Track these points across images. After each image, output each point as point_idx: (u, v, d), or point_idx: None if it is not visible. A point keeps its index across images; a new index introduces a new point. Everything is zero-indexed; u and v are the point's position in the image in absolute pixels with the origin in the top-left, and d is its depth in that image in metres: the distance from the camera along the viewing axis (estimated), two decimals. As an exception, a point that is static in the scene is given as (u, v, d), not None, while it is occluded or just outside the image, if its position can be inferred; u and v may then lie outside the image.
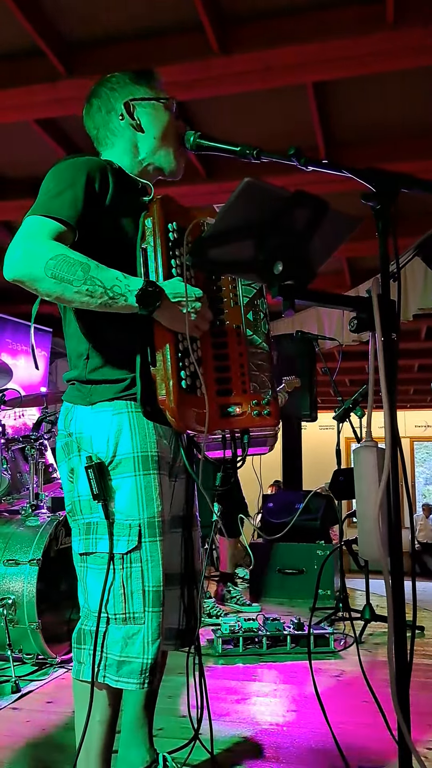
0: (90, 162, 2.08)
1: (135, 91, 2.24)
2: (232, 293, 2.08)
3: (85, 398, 2.09)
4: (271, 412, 1.99)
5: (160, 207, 2.00)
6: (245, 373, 2.02)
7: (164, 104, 2.25)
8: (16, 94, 4.92)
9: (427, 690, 3.64)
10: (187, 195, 6.35)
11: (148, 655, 1.95)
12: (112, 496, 2.01)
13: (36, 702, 3.42)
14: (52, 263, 1.85)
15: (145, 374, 1.95)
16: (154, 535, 2.00)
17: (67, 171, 2.04)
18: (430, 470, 19.87)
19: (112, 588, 1.99)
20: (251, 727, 3.07)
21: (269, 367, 2.03)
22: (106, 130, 2.27)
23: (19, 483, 4.73)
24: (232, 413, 2.01)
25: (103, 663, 1.98)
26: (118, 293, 1.88)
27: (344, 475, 5.21)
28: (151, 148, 2.23)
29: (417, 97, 5.24)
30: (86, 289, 1.86)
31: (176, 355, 1.93)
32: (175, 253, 2.00)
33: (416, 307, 7.67)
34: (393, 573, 1.59)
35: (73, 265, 1.86)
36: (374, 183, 1.71)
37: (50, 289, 1.87)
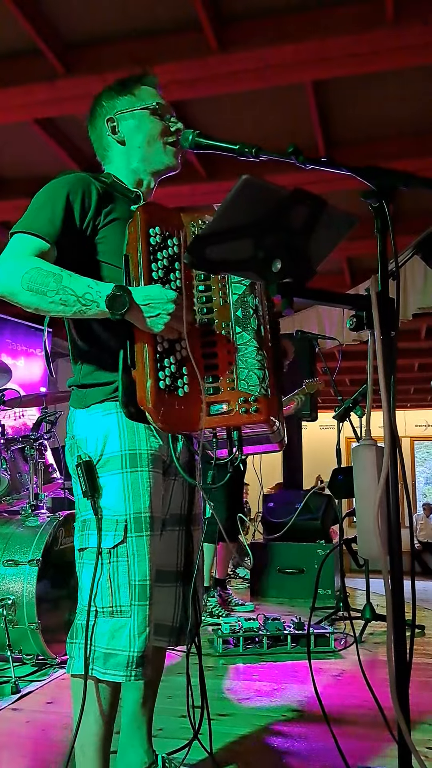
0: (73, 179, 2.16)
1: (119, 103, 2.32)
2: (221, 291, 2.07)
3: (81, 402, 2.16)
4: (260, 409, 1.98)
5: (142, 213, 2.04)
6: (233, 371, 2.01)
7: (149, 111, 2.30)
8: (15, 93, 4.92)
9: (427, 689, 3.64)
10: (188, 195, 6.35)
11: (134, 648, 1.99)
12: (101, 493, 2.07)
13: (36, 702, 3.42)
14: (27, 276, 1.95)
15: (127, 376, 1.98)
16: (141, 531, 2.04)
17: (50, 189, 2.13)
18: (430, 470, 19.87)
19: (100, 582, 2.03)
20: (251, 726, 3.06)
21: (260, 363, 2.02)
22: (100, 146, 2.40)
23: (18, 483, 4.72)
24: (219, 411, 2.00)
25: (92, 656, 2.02)
26: (89, 300, 1.94)
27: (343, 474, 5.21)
28: (140, 156, 2.30)
29: (416, 96, 5.23)
30: (59, 299, 1.94)
31: (154, 355, 1.96)
32: (156, 257, 2.03)
33: (416, 306, 7.66)
34: (392, 572, 1.59)
35: (46, 276, 1.95)
36: (373, 181, 1.71)
37: (28, 301, 1.96)
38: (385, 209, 1.71)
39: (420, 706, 3.30)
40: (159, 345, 1.97)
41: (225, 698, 3.46)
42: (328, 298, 1.79)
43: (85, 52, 4.74)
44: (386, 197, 1.71)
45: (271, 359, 2.08)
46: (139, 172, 2.31)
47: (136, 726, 2.36)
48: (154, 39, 4.61)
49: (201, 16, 4.28)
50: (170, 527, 2.27)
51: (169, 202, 6.32)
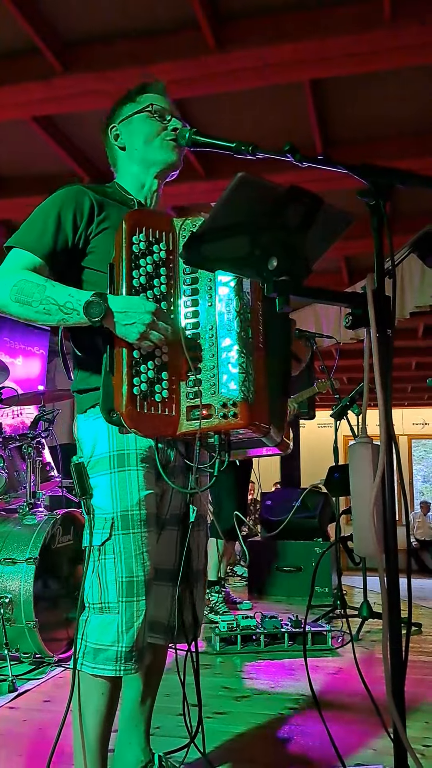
0: (64, 194, 2.21)
1: (121, 112, 2.38)
2: (207, 295, 2.06)
3: (80, 407, 2.24)
4: (238, 414, 1.96)
5: (127, 220, 2.05)
6: (215, 375, 2.01)
7: (145, 113, 2.33)
8: (13, 91, 4.90)
9: (424, 687, 3.64)
10: (186, 194, 6.34)
11: (122, 643, 2.03)
12: (92, 494, 2.14)
13: (33, 701, 3.42)
14: (15, 289, 2.04)
15: (107, 383, 1.99)
16: (127, 528, 2.08)
17: (45, 206, 2.20)
18: (427, 468, 19.87)
19: (91, 579, 2.10)
20: (248, 725, 3.07)
21: (241, 367, 2.00)
22: (110, 158, 2.45)
23: (16, 481, 4.72)
24: (198, 416, 2.00)
25: (83, 651, 2.06)
26: (70, 308, 2.00)
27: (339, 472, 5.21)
28: (138, 157, 2.34)
29: (414, 95, 5.22)
30: (43, 308, 2.02)
31: (131, 361, 1.97)
32: (138, 263, 2.04)
33: (413, 304, 7.65)
34: (388, 570, 1.59)
35: (31, 288, 2.03)
36: (369, 179, 1.71)
37: (17, 312, 2.06)
38: (381, 207, 1.72)
39: (416, 703, 3.30)
40: (137, 351, 1.99)
41: (222, 696, 3.47)
42: (325, 296, 1.79)
43: (82, 51, 4.73)
44: (383, 195, 1.71)
45: (261, 363, 2.07)
46: (140, 174, 2.35)
47: (133, 724, 2.37)
48: (152, 38, 4.59)
49: (199, 15, 4.27)
50: (170, 527, 2.29)
51: (168, 201, 6.36)
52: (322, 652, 4.33)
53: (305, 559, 6.72)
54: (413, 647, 4.54)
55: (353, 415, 5.23)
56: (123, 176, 2.39)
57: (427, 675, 3.91)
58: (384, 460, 1.56)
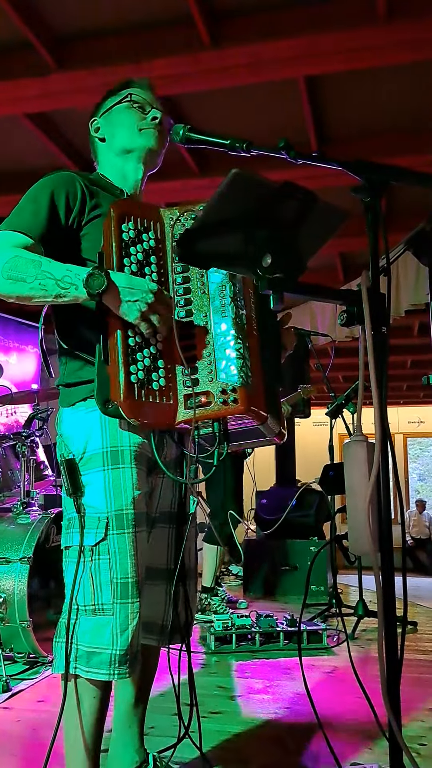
0: (57, 178, 2.19)
1: (102, 106, 2.38)
2: (199, 282, 2.06)
3: (66, 400, 2.17)
4: (238, 399, 1.95)
5: (115, 209, 2.04)
6: (212, 362, 1.99)
7: (124, 104, 2.33)
8: (6, 87, 4.88)
9: (419, 685, 3.64)
10: (180, 190, 6.32)
11: (117, 646, 1.98)
12: (83, 491, 2.07)
13: (27, 701, 3.41)
14: (7, 266, 1.97)
15: (102, 372, 1.97)
16: (122, 528, 2.03)
17: (35, 188, 2.16)
18: (423, 466, 19.92)
19: (83, 580, 2.04)
20: (244, 724, 3.06)
21: (238, 353, 1.99)
22: (93, 152, 2.45)
23: (10, 480, 4.70)
24: (198, 403, 1.98)
25: (75, 654, 2.01)
26: (68, 283, 1.95)
27: (334, 470, 5.20)
28: (117, 147, 2.33)
29: (409, 92, 5.21)
30: (39, 284, 1.95)
31: (126, 349, 1.94)
32: (129, 251, 2.03)
33: (408, 303, 7.65)
34: (383, 568, 1.58)
35: (25, 264, 1.97)
36: (364, 176, 1.70)
37: (9, 290, 1.98)
38: (376, 204, 1.70)
39: (412, 702, 3.30)
40: (132, 339, 1.96)
41: (217, 695, 3.46)
42: (319, 293, 1.77)
43: (76, 47, 4.71)
44: (377, 192, 1.70)
45: (256, 349, 2.06)
46: (120, 164, 2.34)
47: (127, 725, 2.35)
48: (147, 34, 4.58)
49: (194, 11, 4.26)
50: (160, 525, 2.26)
51: (162, 197, 6.35)
52: (317, 651, 4.32)
53: (300, 557, 6.72)
54: (409, 646, 4.54)
55: (348, 414, 5.22)
56: (105, 168, 2.38)
57: (423, 673, 3.90)
58: (379, 458, 1.55)
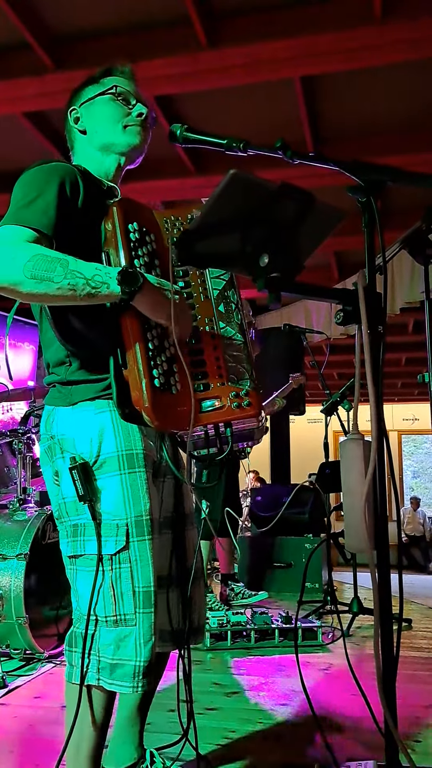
0: (59, 167, 2.07)
1: (83, 94, 2.26)
2: (201, 287, 2.06)
3: (65, 399, 2.07)
4: (251, 402, 1.97)
5: (120, 209, 1.99)
6: (221, 366, 2.00)
7: (109, 96, 2.22)
8: (3, 87, 4.89)
9: (415, 682, 3.66)
10: (177, 189, 6.34)
11: (140, 657, 1.92)
12: (98, 497, 1.99)
13: (23, 697, 3.42)
14: (30, 264, 1.83)
15: (119, 377, 1.93)
16: (143, 534, 1.97)
17: (37, 178, 2.03)
18: (417, 463, 19.94)
19: (102, 590, 1.95)
20: (239, 721, 3.07)
21: (246, 357, 2.01)
22: (69, 140, 2.32)
23: (6, 477, 4.72)
24: (212, 407, 1.98)
25: (97, 666, 1.95)
26: (99, 281, 1.85)
27: (330, 468, 5.22)
28: (99, 142, 2.22)
29: (405, 92, 5.23)
30: (68, 284, 1.83)
31: (146, 354, 1.91)
32: (137, 253, 1.98)
33: (403, 300, 7.67)
34: (379, 566, 1.60)
35: (51, 262, 1.84)
36: (360, 176, 1.72)
37: (33, 289, 1.83)
38: (372, 204, 1.72)
39: (407, 699, 3.31)
40: (150, 342, 1.93)
41: (213, 692, 3.47)
42: (316, 293, 1.79)
43: (74, 47, 4.72)
44: (373, 192, 1.72)
45: (250, 350, 2.07)
46: (102, 160, 2.23)
47: (130, 725, 2.32)
48: (144, 34, 4.59)
49: (191, 12, 4.27)
50: (164, 530, 2.22)
51: (159, 196, 6.36)
52: (312, 648, 4.34)
53: (295, 554, 6.73)
54: (404, 643, 4.56)
55: (343, 411, 5.24)
56: (82, 159, 2.26)
57: (418, 670, 3.92)
58: (375, 456, 1.57)
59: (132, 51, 4.57)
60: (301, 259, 1.75)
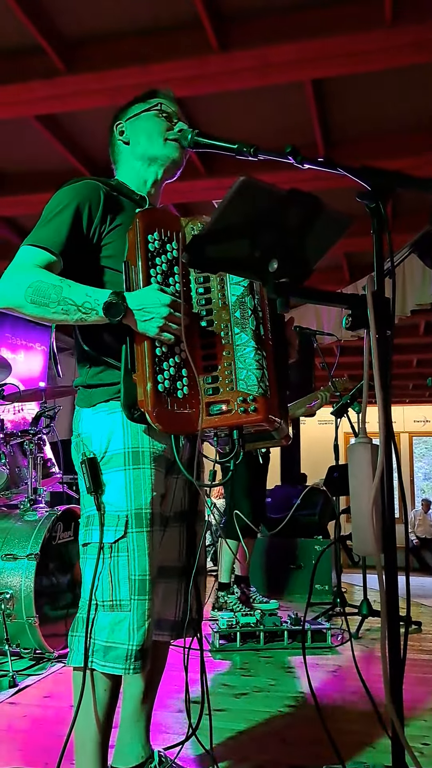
0: (81, 186, 2.21)
1: (129, 111, 2.40)
2: (220, 293, 2.11)
3: (87, 401, 2.21)
4: (258, 408, 2.00)
5: (141, 219, 2.08)
6: (232, 371, 2.04)
7: (154, 111, 2.36)
8: (16, 90, 4.92)
9: (423, 685, 3.66)
10: (188, 191, 6.37)
11: (133, 641, 2.02)
12: (104, 490, 2.12)
13: (33, 697, 3.44)
14: (30, 291, 2.03)
15: (128, 379, 2.04)
16: (141, 526, 2.08)
17: (58, 198, 2.19)
18: (429, 465, 19.87)
19: (101, 576, 2.08)
20: (247, 722, 3.08)
21: (257, 363, 2.04)
22: (113, 153, 2.46)
23: (17, 477, 4.73)
24: (218, 411, 2.04)
25: (92, 648, 2.05)
26: (88, 308, 2.02)
27: (339, 471, 5.22)
28: (141, 152, 2.35)
29: (415, 94, 5.23)
30: (61, 309, 2.02)
31: (153, 359, 2.01)
32: (155, 262, 2.07)
33: (414, 302, 7.67)
34: (387, 569, 1.60)
35: (47, 289, 2.03)
36: (369, 181, 1.72)
37: (33, 312, 2.05)
38: (381, 210, 1.73)
39: (415, 702, 3.31)
40: (158, 348, 2.02)
41: (221, 693, 3.48)
42: (325, 298, 1.80)
43: (85, 50, 4.75)
44: (382, 198, 1.73)
45: (271, 358, 2.10)
46: (141, 170, 2.36)
47: (134, 720, 2.37)
48: (155, 37, 4.61)
49: (201, 15, 4.29)
50: (173, 524, 2.31)
51: (170, 198, 6.37)
52: (321, 650, 4.34)
53: (305, 556, 6.73)
54: (413, 646, 4.56)
55: (354, 413, 5.24)
56: (124, 172, 2.40)
57: (427, 673, 3.92)
58: (383, 461, 1.58)
59: (143, 54, 4.60)
60: (310, 264, 1.76)
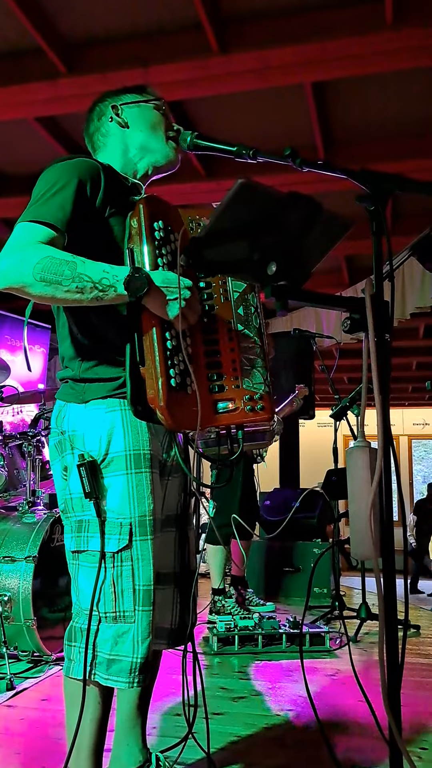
0: (80, 163, 2.08)
1: (125, 97, 2.31)
2: (222, 289, 2.07)
3: (78, 396, 2.10)
4: (265, 407, 1.99)
5: (146, 206, 1.98)
6: (237, 369, 2.01)
7: (154, 105, 2.30)
8: (16, 91, 4.92)
9: (422, 689, 3.64)
10: (188, 193, 6.36)
11: (137, 654, 1.96)
12: (104, 494, 2.02)
13: (31, 699, 3.43)
14: (39, 267, 1.85)
15: (134, 374, 1.94)
16: (145, 534, 2.01)
17: (57, 174, 2.04)
18: (428, 468, 19.85)
19: (103, 587, 1.99)
20: (245, 726, 3.07)
21: (262, 361, 2.03)
22: (98, 134, 2.32)
23: (16, 480, 4.74)
24: (225, 409, 2.00)
25: (94, 661, 1.99)
26: (106, 285, 1.87)
27: (337, 475, 5.21)
28: (140, 142, 2.26)
29: (415, 97, 5.23)
30: (75, 287, 1.86)
31: (164, 353, 1.92)
32: (161, 251, 1.98)
33: (414, 305, 7.67)
34: (385, 573, 1.60)
35: (60, 265, 1.86)
36: (368, 184, 1.72)
37: (42, 291, 1.87)
38: (380, 212, 1.72)
39: (413, 707, 3.31)
40: (169, 342, 1.93)
41: (219, 697, 3.47)
42: (323, 301, 1.80)
43: (86, 52, 4.75)
44: (381, 201, 1.72)
45: (268, 356, 2.09)
46: (135, 160, 2.27)
47: (130, 725, 2.33)
48: (155, 39, 4.61)
49: (202, 17, 4.29)
50: (167, 528, 2.24)
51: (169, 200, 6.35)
52: (320, 654, 4.33)
53: (303, 559, 6.72)
54: (412, 650, 4.55)
55: (353, 416, 5.24)
56: (112, 156, 2.28)
57: (426, 677, 3.90)
58: (381, 465, 1.57)
59: (143, 56, 4.59)
60: (308, 267, 1.76)
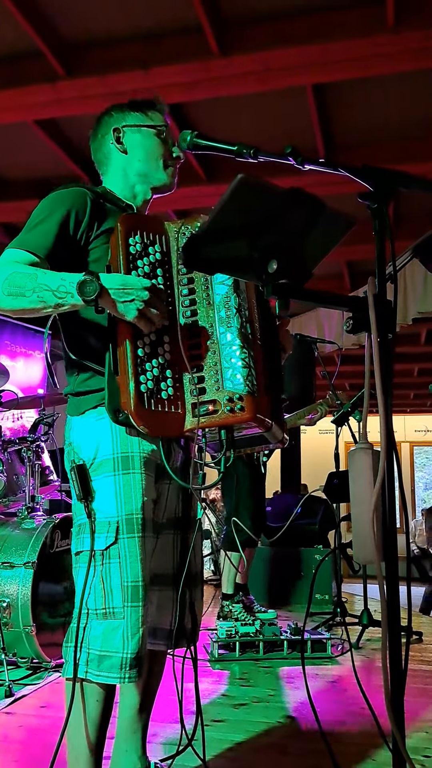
0: (70, 194, 2.19)
1: (129, 118, 2.38)
2: (204, 293, 2.10)
3: (76, 409, 2.20)
4: (245, 407, 1.98)
5: (122, 223, 2.08)
6: (218, 371, 2.02)
7: (155, 131, 2.37)
8: (16, 94, 4.91)
9: (425, 696, 3.61)
10: (188, 197, 6.34)
11: (127, 650, 1.99)
12: (94, 496, 2.10)
13: (30, 706, 3.40)
14: (7, 282, 1.98)
15: (112, 383, 2.01)
16: (133, 532, 2.05)
17: (47, 204, 2.18)
18: (429, 475, 19.83)
19: (93, 584, 2.05)
20: (246, 733, 3.04)
21: (244, 362, 2.01)
22: (100, 153, 2.44)
23: (15, 485, 4.70)
24: (206, 412, 2.01)
25: (86, 658, 2.02)
26: (64, 292, 1.95)
27: (339, 478, 5.18)
28: (138, 169, 2.36)
29: (417, 100, 5.22)
30: (37, 297, 1.96)
31: (135, 359, 1.98)
32: (136, 264, 2.06)
33: (416, 310, 7.64)
34: (388, 577, 1.57)
35: (23, 278, 1.98)
36: (371, 181, 1.69)
37: (11, 305, 2.00)
38: (383, 210, 1.70)
39: (416, 713, 3.27)
40: (140, 349, 2.00)
41: (220, 704, 3.44)
42: (325, 300, 1.77)
43: (86, 54, 4.74)
44: (384, 198, 1.69)
45: (260, 358, 2.08)
46: (134, 184, 2.37)
47: (131, 731, 2.34)
48: (156, 41, 4.60)
49: (202, 20, 4.28)
50: (166, 531, 2.27)
51: (170, 205, 6.36)
52: (321, 660, 4.30)
53: (305, 565, 6.69)
54: (415, 656, 4.51)
55: (354, 422, 5.21)
56: (114, 180, 2.40)
57: (428, 684, 3.87)
58: (384, 466, 1.54)
59: (144, 59, 4.59)
60: (310, 265, 1.73)
